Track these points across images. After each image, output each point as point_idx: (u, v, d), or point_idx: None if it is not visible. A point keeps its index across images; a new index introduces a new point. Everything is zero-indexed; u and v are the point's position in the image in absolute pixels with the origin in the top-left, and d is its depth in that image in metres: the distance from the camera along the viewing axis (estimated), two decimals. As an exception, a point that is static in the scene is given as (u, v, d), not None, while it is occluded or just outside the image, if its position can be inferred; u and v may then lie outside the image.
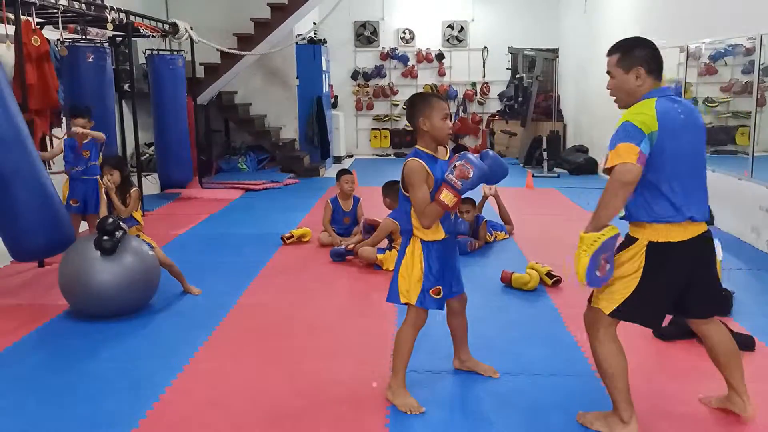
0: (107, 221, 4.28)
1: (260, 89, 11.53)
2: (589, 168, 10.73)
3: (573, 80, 12.24)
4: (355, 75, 13.67)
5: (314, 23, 11.62)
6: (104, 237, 4.21)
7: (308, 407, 3.15)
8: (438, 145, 3.11)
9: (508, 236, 6.42)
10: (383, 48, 13.59)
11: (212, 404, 3.17)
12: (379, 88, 13.67)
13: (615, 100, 2.83)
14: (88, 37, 7.46)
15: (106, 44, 7.57)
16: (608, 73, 2.81)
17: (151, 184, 9.11)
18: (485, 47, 13.44)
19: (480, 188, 6.05)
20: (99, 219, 4.44)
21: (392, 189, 5.64)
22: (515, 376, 3.43)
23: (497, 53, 13.24)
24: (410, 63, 13.59)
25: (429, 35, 13.56)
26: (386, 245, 5.57)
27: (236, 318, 4.36)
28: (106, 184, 4.69)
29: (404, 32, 13.59)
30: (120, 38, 8.47)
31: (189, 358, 3.68)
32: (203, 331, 4.08)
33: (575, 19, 12.08)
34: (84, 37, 7.30)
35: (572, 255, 2.65)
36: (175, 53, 8.91)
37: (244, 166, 11.09)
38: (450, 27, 13.55)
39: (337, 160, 12.61)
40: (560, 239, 6.29)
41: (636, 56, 2.72)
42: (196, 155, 9.56)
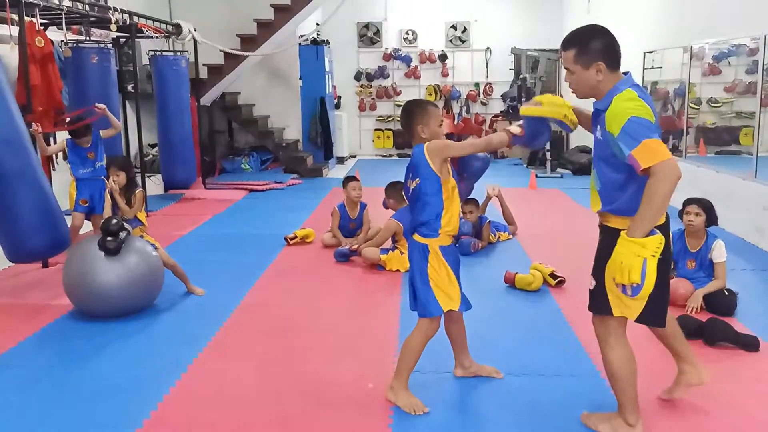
0: (111, 222, 4.29)
1: (263, 90, 11.55)
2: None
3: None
4: (358, 76, 13.68)
5: (317, 24, 11.63)
6: (108, 238, 4.22)
7: (312, 407, 3.15)
8: None
9: (512, 237, 6.42)
10: (386, 49, 13.59)
11: (216, 405, 3.18)
12: (382, 89, 13.67)
13: (573, 91, 2.74)
14: (92, 39, 7.47)
15: (110, 45, 7.59)
16: (566, 69, 2.71)
17: (155, 185, 9.13)
18: (488, 48, 13.44)
19: (483, 189, 6.05)
20: (103, 220, 4.45)
21: (395, 190, 5.64)
22: (518, 377, 3.43)
23: (500, 54, 13.24)
24: (413, 64, 13.60)
25: (432, 36, 13.56)
26: (390, 246, 5.57)
27: (240, 318, 4.37)
28: (111, 186, 4.70)
29: (407, 33, 13.60)
30: (123, 39, 8.48)
31: (193, 359, 3.69)
32: (207, 332, 4.08)
33: (578, 20, 12.06)
34: (88, 39, 7.32)
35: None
36: (179, 54, 8.93)
37: (248, 167, 11.11)
38: (453, 27, 13.55)
39: (341, 161, 12.62)
40: (564, 240, 6.29)
41: (594, 50, 2.60)
42: (200, 156, 9.57)
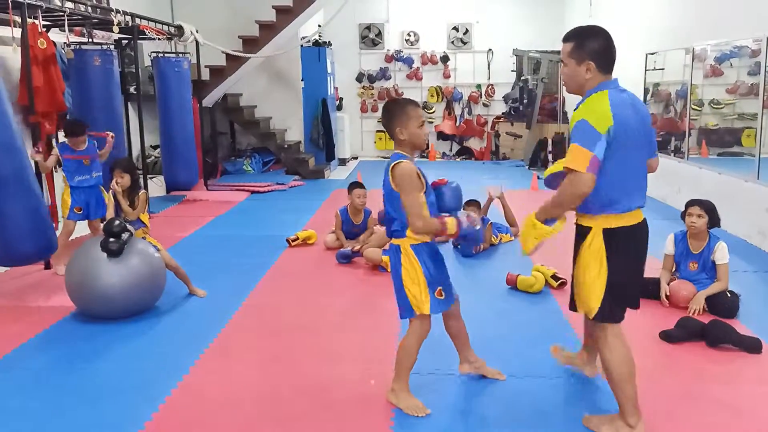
0: (114, 223, 4.30)
1: (265, 91, 11.56)
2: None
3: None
4: (360, 77, 13.69)
5: (319, 25, 11.63)
6: (111, 239, 4.22)
7: (313, 408, 3.15)
8: (415, 150, 3.07)
9: (514, 238, 6.42)
10: (388, 50, 13.59)
11: (218, 405, 3.18)
12: (384, 90, 13.67)
13: (564, 84, 2.87)
14: (94, 40, 7.49)
15: (112, 47, 7.60)
16: (561, 61, 2.85)
17: (157, 186, 9.14)
18: (490, 49, 13.44)
19: (485, 190, 6.05)
20: (106, 221, 4.46)
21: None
22: (520, 378, 3.43)
23: (502, 55, 13.23)
24: (415, 65, 13.59)
25: (434, 37, 13.55)
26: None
27: (242, 320, 4.37)
28: (114, 187, 4.70)
29: (409, 34, 13.60)
30: (126, 41, 8.49)
31: (195, 360, 3.69)
32: (209, 333, 4.08)
33: (580, 21, 12.01)
34: (90, 40, 7.33)
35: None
36: (181, 56, 8.94)
37: (250, 168, 11.11)
38: (455, 29, 13.55)
39: (342, 162, 12.63)
40: (565, 242, 6.27)
41: (588, 49, 2.73)
42: (202, 157, 9.58)
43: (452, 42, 13.58)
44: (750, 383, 3.38)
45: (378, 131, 13.81)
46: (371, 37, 13.61)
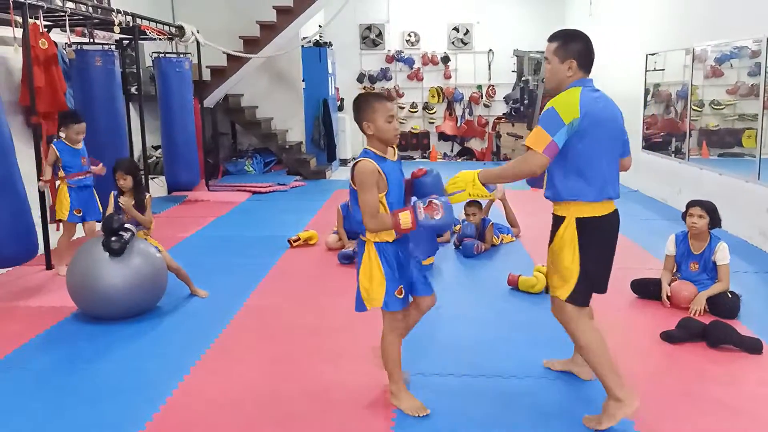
0: (113, 219, 4.30)
1: (266, 92, 11.56)
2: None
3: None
4: (361, 78, 13.69)
5: (320, 26, 11.64)
6: (112, 238, 4.22)
7: (314, 409, 3.16)
8: (386, 146, 2.99)
9: (515, 239, 6.42)
10: (389, 51, 13.60)
11: (219, 406, 3.18)
12: (385, 91, 13.67)
13: (544, 81, 3.03)
14: (96, 41, 7.49)
15: (113, 47, 7.61)
16: (545, 59, 3.06)
17: (158, 187, 9.15)
18: (490, 50, 13.44)
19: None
20: (104, 218, 4.45)
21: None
22: (521, 379, 3.43)
23: (503, 56, 13.23)
24: (416, 66, 13.59)
25: (434, 38, 13.55)
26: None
27: (243, 320, 4.38)
28: (125, 205, 4.64)
29: (409, 35, 13.60)
30: (127, 41, 8.50)
31: (196, 361, 3.69)
32: (210, 334, 4.09)
33: (581, 22, 12.06)
34: (91, 41, 7.34)
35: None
36: (182, 56, 8.95)
37: (251, 169, 11.12)
38: (455, 30, 13.55)
39: (344, 163, 12.63)
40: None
41: (571, 49, 2.96)
42: (203, 158, 9.59)
43: (452, 42, 13.59)
44: (751, 384, 3.38)
45: (379, 132, 13.79)
46: (372, 38, 13.62)
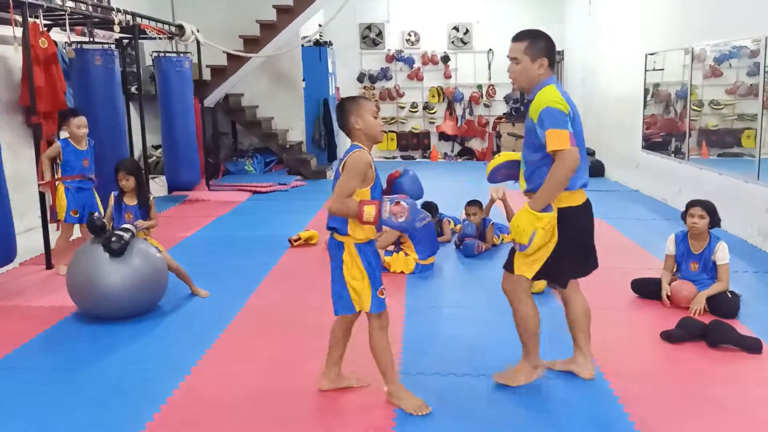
0: (94, 217, 4.34)
1: (267, 91, 11.57)
2: (596, 170, 10.72)
3: (578, 82, 12.23)
4: (361, 77, 13.70)
5: (320, 25, 11.64)
6: (113, 238, 4.23)
7: (315, 409, 3.16)
8: (372, 143, 3.04)
9: (515, 238, 6.41)
10: (389, 50, 13.60)
11: (220, 406, 3.19)
12: (385, 91, 13.68)
13: (513, 82, 3.15)
14: (96, 40, 7.49)
15: (113, 46, 7.60)
16: (513, 59, 3.11)
17: (159, 187, 9.14)
18: (490, 49, 13.45)
19: (487, 191, 6.05)
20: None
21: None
22: (522, 379, 3.43)
23: (502, 55, 13.18)
24: (416, 65, 13.60)
25: (434, 37, 13.56)
26: (394, 248, 5.58)
27: (244, 320, 4.38)
28: (141, 226, 4.65)
29: (410, 34, 13.61)
30: (127, 40, 8.50)
31: (197, 361, 3.70)
32: (211, 334, 4.09)
33: (580, 21, 12.07)
34: (91, 40, 7.33)
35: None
36: (182, 55, 8.95)
37: (251, 169, 11.12)
38: (455, 29, 13.56)
39: (343, 163, 12.62)
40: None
41: (541, 47, 3.07)
42: (204, 157, 9.59)
43: (452, 42, 13.59)
44: (750, 384, 3.39)
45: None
46: (372, 37, 13.62)
